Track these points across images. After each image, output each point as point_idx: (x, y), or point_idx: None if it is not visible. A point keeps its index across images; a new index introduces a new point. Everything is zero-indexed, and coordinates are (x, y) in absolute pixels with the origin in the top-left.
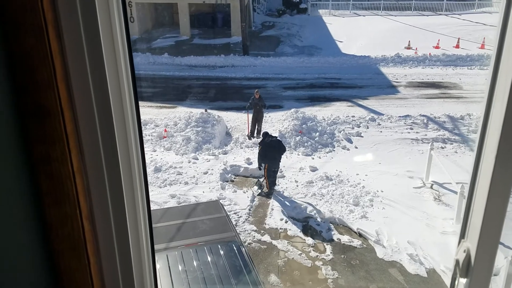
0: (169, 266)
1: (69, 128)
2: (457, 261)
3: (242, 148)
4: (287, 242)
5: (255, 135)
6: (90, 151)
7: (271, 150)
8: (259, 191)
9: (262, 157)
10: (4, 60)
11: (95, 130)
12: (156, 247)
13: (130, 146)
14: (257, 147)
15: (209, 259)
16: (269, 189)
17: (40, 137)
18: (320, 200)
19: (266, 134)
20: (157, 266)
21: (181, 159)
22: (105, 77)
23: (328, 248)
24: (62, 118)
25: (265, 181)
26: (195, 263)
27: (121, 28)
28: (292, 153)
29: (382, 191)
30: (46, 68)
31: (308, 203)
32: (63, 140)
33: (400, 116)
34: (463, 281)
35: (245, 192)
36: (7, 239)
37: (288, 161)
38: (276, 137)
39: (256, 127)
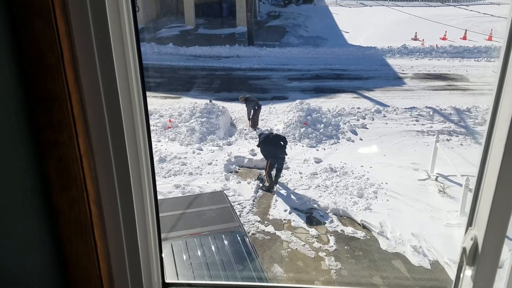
0: (173, 255)
1: (76, 112)
2: (464, 249)
3: (246, 139)
4: (291, 233)
5: (258, 126)
6: (97, 136)
7: (273, 147)
8: (261, 185)
9: (264, 154)
10: (12, 44)
11: (102, 115)
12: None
13: (137, 131)
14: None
15: (213, 248)
16: (269, 184)
17: (47, 122)
18: (324, 191)
19: (260, 134)
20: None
21: (186, 150)
22: (112, 61)
23: (332, 239)
24: (70, 103)
25: (265, 175)
26: (199, 252)
27: (128, 14)
28: (296, 144)
29: (387, 183)
30: (54, 52)
31: (312, 194)
32: (70, 125)
33: (405, 108)
34: (469, 269)
35: (249, 183)
36: (16, 223)
37: (293, 153)
38: (272, 132)
39: (253, 121)
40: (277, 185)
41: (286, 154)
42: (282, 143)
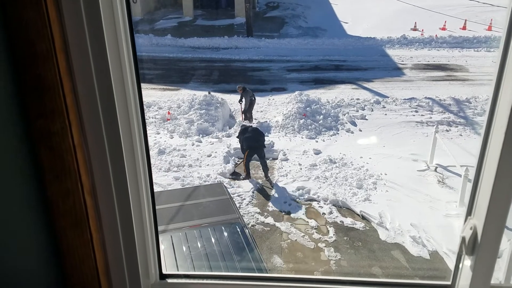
0: (173, 247)
1: (69, 101)
2: (463, 239)
3: None
4: (290, 224)
5: (253, 120)
6: (91, 126)
7: (251, 139)
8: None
9: (242, 146)
10: (1, 31)
11: (96, 103)
12: (160, 228)
13: (132, 122)
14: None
15: (212, 240)
16: (246, 174)
17: (39, 110)
18: (324, 183)
19: (243, 126)
20: (161, 247)
21: (185, 142)
22: (105, 50)
23: (331, 230)
24: (62, 91)
25: (243, 166)
26: (199, 244)
27: (121, 2)
28: (296, 136)
29: (386, 174)
30: (45, 39)
31: (311, 185)
32: (63, 114)
33: (405, 99)
34: (468, 258)
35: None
36: (8, 215)
37: (292, 144)
38: (251, 125)
39: (247, 114)
40: (269, 180)
41: (265, 147)
42: (260, 136)
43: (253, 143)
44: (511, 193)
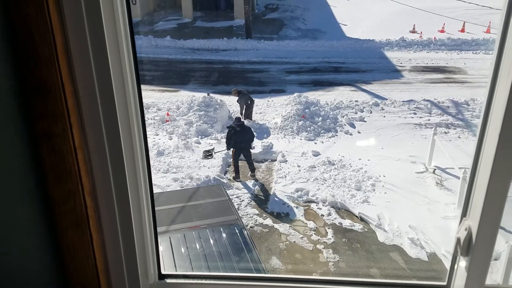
0: (171, 248)
1: (70, 104)
2: (458, 240)
3: None
4: (289, 226)
5: (252, 118)
6: (92, 128)
7: (238, 136)
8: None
9: (228, 141)
10: (5, 35)
11: (97, 107)
12: (158, 229)
13: (132, 124)
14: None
15: (211, 241)
16: (235, 174)
17: (41, 113)
18: (322, 184)
19: (237, 119)
20: (160, 248)
21: (184, 143)
22: (106, 53)
23: (330, 231)
24: (63, 93)
25: (231, 165)
26: (197, 245)
27: (122, 5)
28: (294, 137)
29: (384, 176)
30: (47, 43)
31: (310, 187)
32: (64, 116)
33: (403, 101)
34: (463, 259)
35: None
36: (10, 215)
37: (291, 146)
38: (243, 122)
39: (247, 116)
40: (254, 177)
41: (252, 148)
42: (248, 136)
43: (240, 143)
44: (505, 194)
